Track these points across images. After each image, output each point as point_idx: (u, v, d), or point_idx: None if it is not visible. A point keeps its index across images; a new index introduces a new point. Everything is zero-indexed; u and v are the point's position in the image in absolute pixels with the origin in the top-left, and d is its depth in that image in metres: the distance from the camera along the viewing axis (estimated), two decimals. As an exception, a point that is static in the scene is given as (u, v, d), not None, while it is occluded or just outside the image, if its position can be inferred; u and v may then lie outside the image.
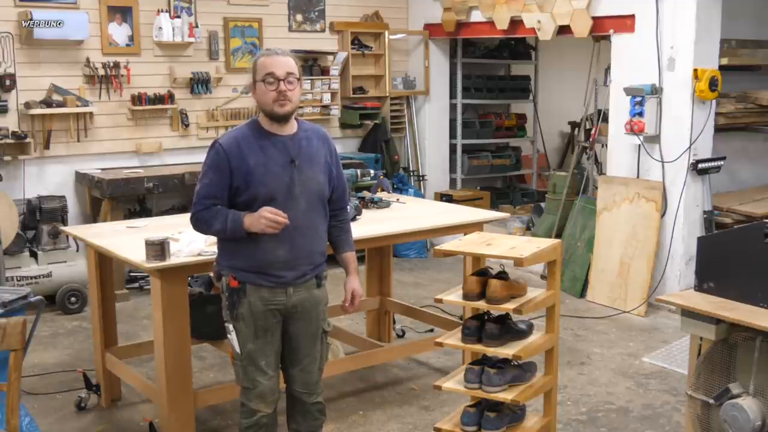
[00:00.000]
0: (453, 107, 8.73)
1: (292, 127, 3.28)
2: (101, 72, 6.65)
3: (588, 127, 7.32)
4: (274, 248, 3.21)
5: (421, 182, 8.53)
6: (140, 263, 3.74)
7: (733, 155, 6.80)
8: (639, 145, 6.28)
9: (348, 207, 3.62)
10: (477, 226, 4.64)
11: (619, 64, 6.53)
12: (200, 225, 3.28)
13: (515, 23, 7.27)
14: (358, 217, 4.65)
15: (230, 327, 3.28)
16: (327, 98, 7.84)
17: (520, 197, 9.44)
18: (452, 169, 8.83)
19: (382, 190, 5.43)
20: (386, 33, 8.17)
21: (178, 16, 6.93)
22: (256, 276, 3.22)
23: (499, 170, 9.30)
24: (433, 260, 7.67)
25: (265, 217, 3.12)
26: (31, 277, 6.10)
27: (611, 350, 5.47)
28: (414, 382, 4.91)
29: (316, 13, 7.85)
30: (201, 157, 7.55)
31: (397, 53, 8.39)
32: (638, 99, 6.13)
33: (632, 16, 6.36)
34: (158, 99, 6.92)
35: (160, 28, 6.83)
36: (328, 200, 3.39)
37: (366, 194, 5.13)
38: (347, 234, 3.54)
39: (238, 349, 3.27)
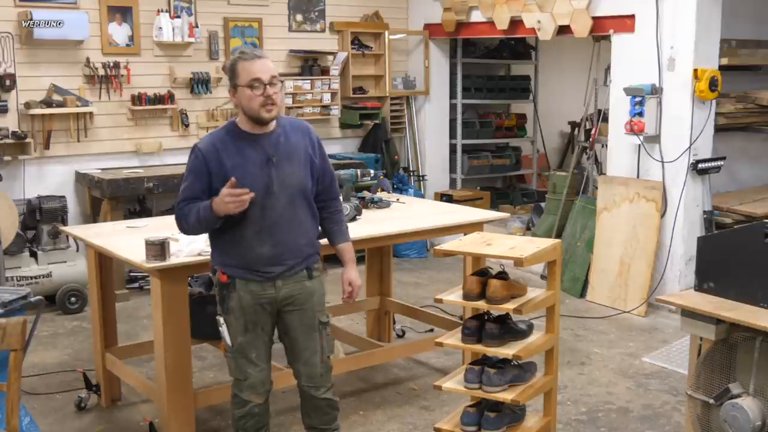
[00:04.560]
0: (453, 107, 8.72)
1: (269, 126, 3.32)
2: (101, 72, 6.65)
3: (588, 127, 7.32)
4: (258, 246, 3.28)
5: (421, 182, 8.53)
6: (140, 263, 3.75)
7: (733, 155, 6.80)
8: (639, 145, 6.28)
9: (339, 198, 3.63)
10: (477, 226, 4.64)
11: (619, 64, 6.53)
12: (180, 223, 3.38)
13: (515, 23, 7.27)
14: (358, 217, 4.65)
15: (221, 320, 3.38)
16: (327, 98, 7.83)
17: (520, 197, 9.43)
18: (452, 169, 8.82)
19: (382, 190, 5.43)
20: (386, 33, 8.17)
21: (178, 16, 6.92)
22: (244, 271, 3.31)
23: (499, 170, 9.30)
24: (433, 260, 7.67)
25: (227, 200, 3.15)
26: (31, 277, 6.10)
27: (611, 350, 5.47)
28: (414, 382, 4.91)
29: (316, 13, 7.85)
30: (201, 157, 7.51)
31: (397, 53, 8.38)
32: (638, 99, 6.12)
33: (632, 16, 6.35)
34: (158, 99, 6.92)
35: (160, 28, 6.83)
36: (317, 192, 3.43)
37: (366, 194, 5.12)
38: (340, 225, 3.56)
39: (229, 342, 3.37)
